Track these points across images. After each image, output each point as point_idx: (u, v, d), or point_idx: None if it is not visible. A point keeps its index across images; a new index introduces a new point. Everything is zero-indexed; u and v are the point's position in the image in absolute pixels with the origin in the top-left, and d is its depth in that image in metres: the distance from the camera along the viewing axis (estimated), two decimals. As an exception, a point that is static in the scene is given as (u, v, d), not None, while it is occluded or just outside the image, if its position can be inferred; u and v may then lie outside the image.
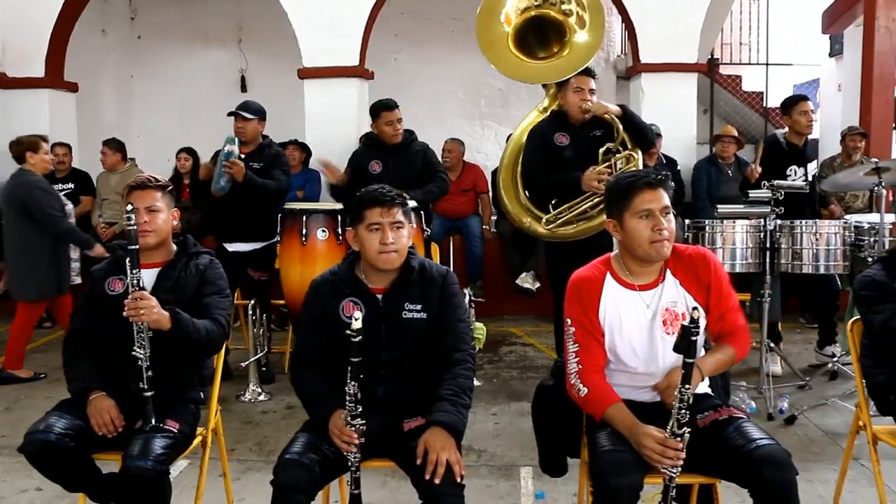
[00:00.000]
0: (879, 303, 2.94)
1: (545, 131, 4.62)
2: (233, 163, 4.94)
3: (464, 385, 2.65)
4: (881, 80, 7.45)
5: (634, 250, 2.56)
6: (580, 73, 4.49)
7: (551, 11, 4.64)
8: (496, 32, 4.69)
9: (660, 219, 2.49)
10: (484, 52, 4.68)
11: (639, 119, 4.57)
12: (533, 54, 4.72)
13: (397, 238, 2.64)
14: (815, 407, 4.58)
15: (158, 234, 2.93)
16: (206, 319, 2.86)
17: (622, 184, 2.56)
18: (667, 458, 2.30)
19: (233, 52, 10.05)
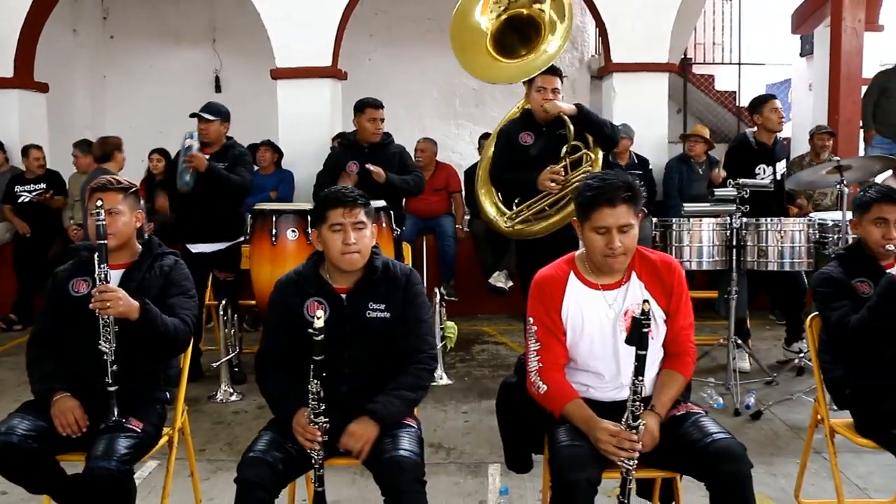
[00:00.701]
0: (836, 299, 2.99)
1: (511, 131, 4.69)
2: (192, 156, 4.94)
3: (412, 383, 2.70)
4: (848, 80, 7.56)
5: (591, 257, 2.61)
6: (544, 72, 4.53)
7: (524, 10, 4.71)
8: (470, 37, 4.75)
9: (614, 236, 2.49)
10: (458, 56, 4.75)
11: (595, 118, 4.59)
12: (515, 53, 4.77)
13: (360, 238, 2.67)
14: (781, 402, 4.64)
15: (118, 236, 2.91)
16: (174, 318, 2.87)
17: (586, 195, 2.54)
18: (622, 451, 2.33)
19: (207, 52, 10.02)
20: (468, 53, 4.79)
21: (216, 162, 5.10)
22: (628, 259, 2.58)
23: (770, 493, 3.55)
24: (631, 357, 2.54)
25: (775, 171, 5.27)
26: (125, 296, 2.71)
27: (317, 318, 2.45)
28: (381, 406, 2.59)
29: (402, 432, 2.61)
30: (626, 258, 2.56)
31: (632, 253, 2.58)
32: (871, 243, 3.05)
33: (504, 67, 4.74)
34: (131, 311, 2.70)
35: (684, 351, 2.64)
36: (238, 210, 5.27)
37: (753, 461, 3.85)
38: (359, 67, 9.30)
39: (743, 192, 4.56)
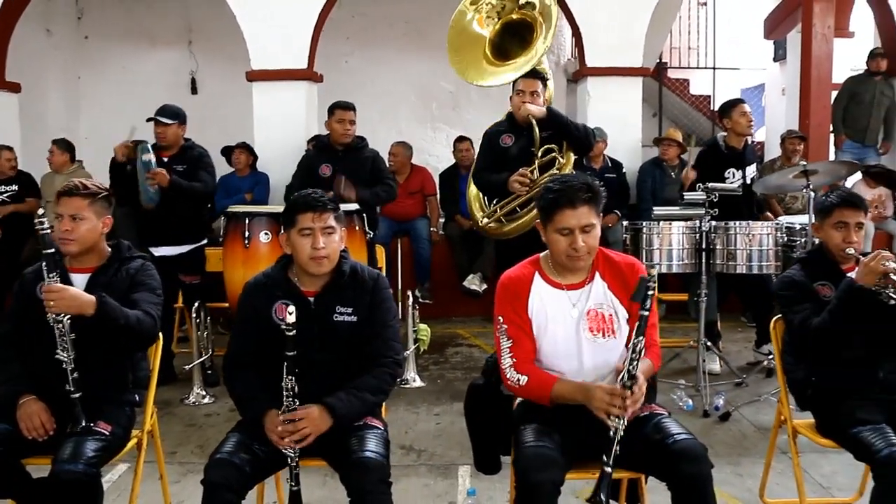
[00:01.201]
0: (798, 302, 3.04)
1: (493, 133, 4.81)
2: (155, 172, 4.93)
3: (374, 386, 2.72)
4: (819, 85, 7.65)
5: (555, 258, 2.65)
6: (526, 75, 4.61)
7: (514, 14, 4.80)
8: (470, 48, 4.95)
9: (577, 237, 2.53)
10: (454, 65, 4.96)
11: (564, 121, 4.65)
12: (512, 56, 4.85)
13: (328, 243, 2.69)
14: (750, 403, 4.71)
15: (80, 242, 2.89)
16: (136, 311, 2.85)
17: (548, 197, 2.59)
18: (613, 407, 2.36)
19: (182, 53, 9.95)
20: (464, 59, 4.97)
21: (175, 164, 5.09)
22: (592, 258, 2.62)
23: (736, 494, 3.60)
24: (591, 358, 2.60)
25: (745, 175, 5.33)
26: (76, 293, 2.69)
27: (289, 313, 2.48)
28: (339, 402, 2.61)
29: (368, 433, 2.64)
30: (590, 257, 2.61)
31: (595, 252, 2.63)
32: (832, 247, 3.09)
33: (493, 71, 4.85)
34: (84, 306, 2.67)
35: (650, 344, 2.65)
36: (201, 212, 5.27)
37: (721, 462, 3.94)
38: (335, 70, 9.29)
39: (712, 196, 4.62)
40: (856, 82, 8.18)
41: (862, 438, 2.70)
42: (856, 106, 8.12)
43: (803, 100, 7.80)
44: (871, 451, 2.64)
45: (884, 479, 2.58)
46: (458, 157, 7.49)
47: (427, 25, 9.88)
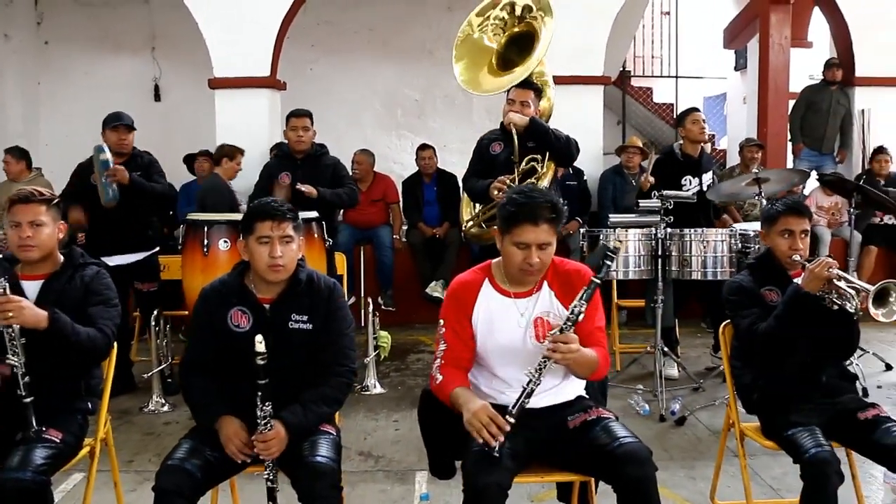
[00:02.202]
0: (745, 307, 3.11)
1: (485, 140, 4.91)
2: (114, 170, 4.92)
3: (329, 395, 2.75)
4: (776, 94, 7.81)
5: (507, 268, 2.68)
6: (518, 85, 4.67)
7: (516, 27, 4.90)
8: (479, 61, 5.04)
9: (533, 253, 2.56)
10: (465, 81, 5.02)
11: (544, 130, 4.69)
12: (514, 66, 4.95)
13: (286, 252, 2.71)
14: (705, 407, 4.77)
15: (42, 248, 2.90)
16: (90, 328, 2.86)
17: (510, 209, 2.60)
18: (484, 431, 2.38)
19: (146, 60, 9.88)
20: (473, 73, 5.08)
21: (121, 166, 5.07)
22: (542, 273, 2.66)
23: (688, 496, 3.66)
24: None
25: (701, 183, 5.42)
26: (29, 305, 2.68)
27: (258, 342, 2.49)
28: (294, 417, 2.63)
29: (320, 439, 2.66)
30: (542, 273, 2.65)
31: (546, 267, 2.66)
32: (778, 254, 3.16)
33: (493, 81, 4.94)
34: (38, 320, 2.67)
35: (597, 344, 2.68)
36: (152, 219, 5.26)
37: (675, 466, 4.01)
38: (300, 77, 9.29)
39: (667, 204, 4.69)
40: (812, 91, 8.34)
41: (794, 440, 2.78)
42: (813, 115, 8.27)
43: (761, 108, 7.95)
44: (800, 451, 2.72)
45: (810, 478, 2.66)
46: (420, 164, 7.53)
47: (392, 33, 9.94)
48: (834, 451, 2.71)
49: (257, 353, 2.47)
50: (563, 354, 2.44)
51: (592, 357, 2.59)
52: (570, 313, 2.49)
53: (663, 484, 3.69)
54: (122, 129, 5.13)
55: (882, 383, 5.42)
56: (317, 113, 5.63)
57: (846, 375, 3.15)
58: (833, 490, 2.63)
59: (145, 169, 5.20)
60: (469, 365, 2.70)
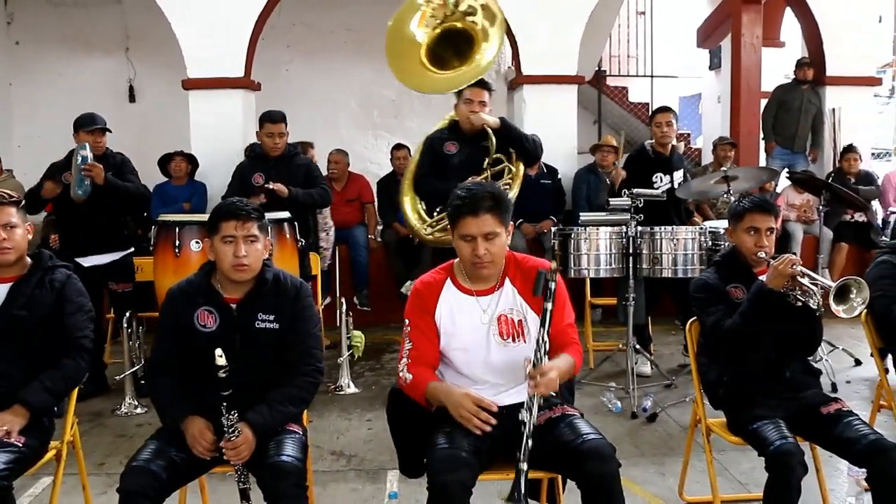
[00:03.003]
0: (711, 305, 3.14)
1: (436, 140, 4.84)
2: (91, 165, 4.90)
3: (295, 395, 2.75)
4: (748, 93, 7.87)
5: (462, 265, 2.71)
6: (473, 84, 4.66)
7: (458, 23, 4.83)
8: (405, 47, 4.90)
9: (479, 244, 2.59)
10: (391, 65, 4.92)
11: (517, 132, 4.73)
12: (448, 65, 4.87)
13: (251, 251, 2.71)
14: (676, 404, 4.81)
15: (17, 250, 2.92)
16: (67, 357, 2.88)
17: (454, 204, 2.65)
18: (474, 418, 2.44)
19: (120, 60, 9.80)
20: (402, 62, 4.90)
21: None
22: (497, 266, 2.67)
23: (658, 492, 3.69)
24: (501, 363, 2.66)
25: (672, 180, 5.47)
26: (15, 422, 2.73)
27: (218, 356, 2.49)
28: (260, 418, 2.64)
29: (286, 438, 2.67)
30: (495, 265, 2.66)
31: (501, 260, 2.68)
32: (744, 251, 3.19)
33: (436, 78, 4.85)
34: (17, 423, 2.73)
35: (570, 342, 2.71)
36: (126, 220, 5.24)
37: (645, 462, 4.05)
38: (276, 78, 9.26)
39: (637, 202, 4.72)
40: (784, 91, 8.43)
41: (759, 433, 2.82)
42: (785, 113, 8.36)
43: (734, 107, 8.02)
44: (765, 443, 2.76)
45: (775, 469, 2.70)
46: (395, 164, 7.54)
47: (368, 34, 9.88)
48: (798, 444, 2.75)
49: (219, 367, 2.47)
50: (546, 386, 2.46)
51: (570, 365, 2.64)
52: (536, 346, 2.49)
53: (633, 480, 3.77)
54: (97, 132, 5.09)
55: (851, 378, 5.49)
56: (292, 113, 5.62)
57: (810, 371, 3.19)
58: (797, 481, 2.67)
59: (117, 168, 5.19)
60: (436, 363, 2.72)
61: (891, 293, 3.23)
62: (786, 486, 2.69)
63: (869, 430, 2.80)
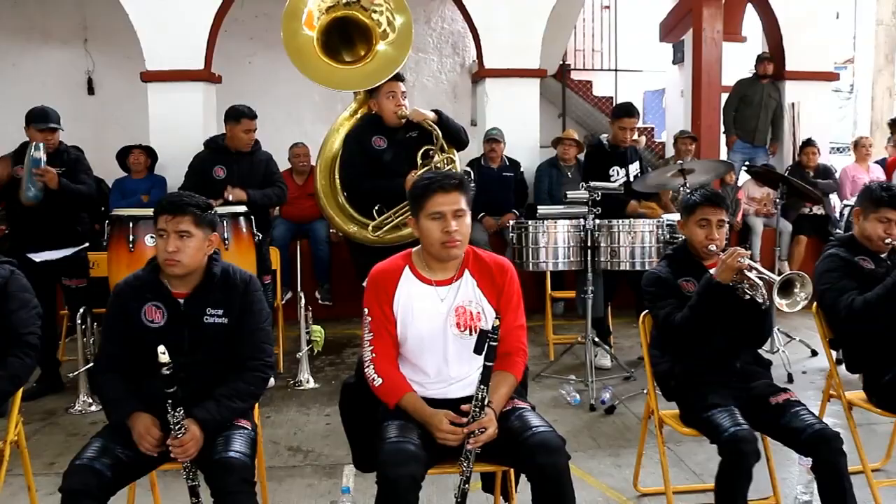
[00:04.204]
0: (662, 298, 3.16)
1: (362, 137, 4.72)
2: (45, 170, 4.80)
3: (244, 390, 2.73)
4: (709, 87, 7.93)
5: (429, 249, 2.67)
6: (391, 78, 4.62)
7: (357, 13, 4.73)
8: (302, 37, 4.73)
9: (450, 221, 2.59)
10: (292, 59, 4.74)
11: (453, 123, 4.72)
12: (338, 57, 4.79)
13: (182, 247, 2.68)
14: (634, 396, 4.84)
15: None
16: (11, 356, 2.83)
17: (419, 185, 2.67)
18: (452, 436, 2.47)
19: (78, 52, 9.62)
20: (304, 59, 4.78)
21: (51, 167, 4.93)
22: (464, 247, 2.67)
23: (613, 484, 3.71)
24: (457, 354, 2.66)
25: (628, 173, 5.49)
26: None
27: (161, 353, 2.45)
28: (207, 415, 2.61)
29: (235, 434, 2.65)
30: (463, 245, 2.65)
31: (467, 241, 2.67)
32: (695, 243, 3.22)
33: (348, 76, 4.78)
34: None
35: (514, 350, 2.73)
36: (81, 215, 5.15)
37: (602, 454, 4.07)
38: (238, 70, 9.18)
39: (595, 195, 4.74)
40: (745, 85, 8.50)
41: (712, 420, 2.86)
42: (745, 108, 8.44)
43: (695, 101, 8.07)
44: (719, 430, 2.80)
45: (728, 455, 2.74)
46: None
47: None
48: (752, 430, 2.79)
49: (162, 364, 2.44)
50: (487, 440, 2.49)
51: (511, 387, 2.68)
52: (474, 402, 2.50)
53: (589, 472, 3.79)
54: (48, 132, 4.97)
55: (807, 369, 5.56)
56: (255, 106, 5.55)
57: (761, 362, 3.22)
58: (748, 467, 2.71)
59: (71, 165, 5.06)
60: (396, 353, 2.72)
61: (837, 286, 3.27)
62: (738, 471, 2.73)
63: (815, 419, 2.84)
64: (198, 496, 2.62)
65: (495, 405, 2.58)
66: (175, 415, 2.51)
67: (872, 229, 3.32)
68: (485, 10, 7.46)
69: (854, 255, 3.35)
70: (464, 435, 2.47)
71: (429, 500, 3.50)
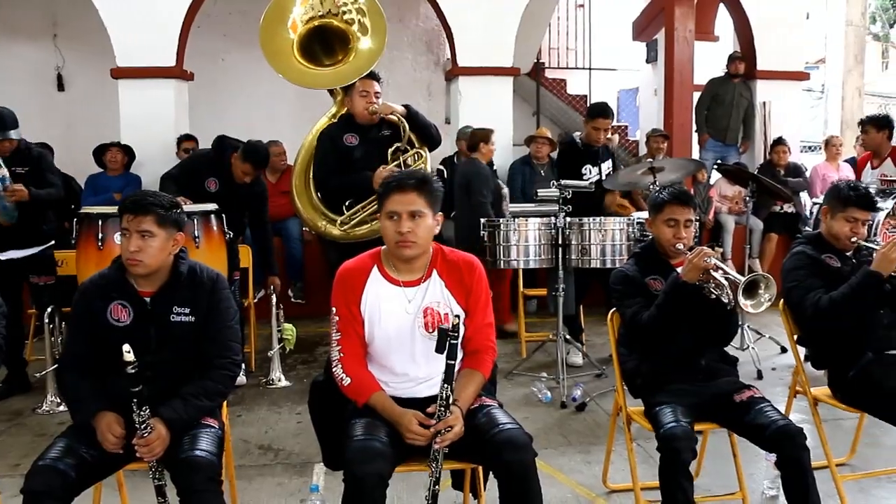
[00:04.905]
0: (630, 297, 3.18)
1: (334, 134, 4.76)
2: (14, 189, 4.73)
3: (211, 389, 2.71)
4: (681, 86, 8.00)
5: (388, 248, 2.69)
6: (364, 77, 4.64)
7: (334, 21, 4.76)
8: (281, 42, 4.76)
9: (403, 221, 2.58)
10: (269, 61, 4.76)
11: (422, 118, 4.76)
12: (319, 62, 4.82)
13: (143, 246, 2.66)
14: (606, 393, 4.86)
15: None
16: None
17: (383, 185, 2.68)
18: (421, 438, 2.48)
19: (47, 47, 9.52)
20: (279, 59, 4.84)
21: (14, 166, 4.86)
22: (421, 249, 2.66)
23: (583, 481, 3.73)
24: (424, 355, 2.66)
25: (600, 172, 5.52)
26: None
27: (126, 352, 2.44)
28: (173, 412, 2.60)
29: (201, 432, 2.64)
30: (419, 247, 2.63)
31: (425, 244, 2.67)
32: (663, 242, 3.23)
33: (321, 74, 4.80)
34: None
35: (483, 349, 2.73)
36: (47, 213, 5.10)
37: (572, 451, 4.09)
38: (212, 67, 9.14)
39: (565, 193, 4.76)
40: (717, 84, 8.58)
41: (657, 416, 2.89)
42: (717, 106, 8.52)
43: (667, 100, 8.14)
44: (658, 427, 2.84)
45: (663, 451, 2.77)
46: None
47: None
48: (689, 428, 2.81)
49: (127, 363, 2.42)
50: (454, 438, 2.49)
51: (479, 385, 2.68)
52: (439, 401, 2.50)
53: (560, 469, 3.81)
54: (4, 142, 4.85)
55: (776, 365, 5.62)
56: (229, 103, 5.55)
57: (727, 359, 3.25)
58: (683, 464, 2.73)
59: (34, 164, 4.97)
60: (364, 352, 2.72)
61: (804, 284, 3.31)
62: (673, 468, 2.75)
63: (779, 415, 2.87)
64: (164, 495, 2.61)
65: (462, 403, 2.59)
66: (141, 414, 2.49)
67: (840, 228, 3.36)
68: (458, 8, 7.47)
69: (821, 253, 3.39)
70: (431, 435, 2.47)
71: (399, 497, 3.50)
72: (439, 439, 2.48)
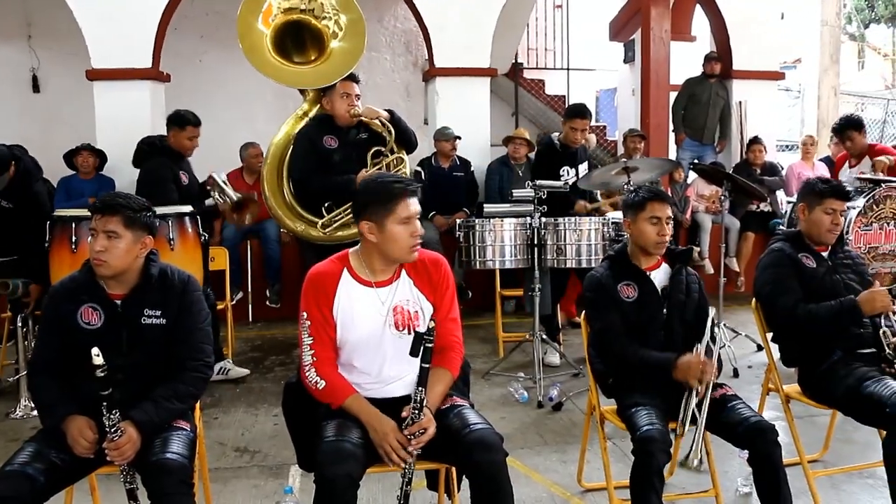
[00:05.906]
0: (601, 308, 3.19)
1: (313, 135, 4.74)
2: None
3: (182, 391, 2.71)
4: (658, 86, 8.04)
5: (391, 252, 2.66)
6: (345, 78, 4.63)
7: (311, 19, 4.75)
8: (258, 36, 4.74)
9: (416, 225, 2.63)
10: (247, 54, 4.74)
11: (404, 123, 4.76)
12: (289, 58, 4.80)
13: (109, 247, 2.65)
14: (582, 393, 4.87)
15: None
16: None
17: (387, 189, 2.64)
18: (394, 457, 2.48)
19: (22, 48, 9.42)
20: (257, 54, 4.82)
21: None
22: None
23: (558, 480, 3.74)
24: (394, 354, 2.66)
25: (577, 173, 5.54)
26: None
27: (95, 355, 2.43)
28: (144, 415, 2.59)
29: (173, 435, 2.62)
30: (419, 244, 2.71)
31: None
32: (645, 240, 3.18)
33: (300, 73, 4.78)
34: None
35: (450, 345, 2.74)
36: None
37: (548, 451, 4.10)
38: (189, 68, 9.09)
39: (540, 193, 4.77)
40: (693, 84, 8.64)
41: (632, 418, 2.90)
42: (694, 106, 8.58)
43: (644, 100, 8.18)
44: (633, 429, 2.85)
45: (638, 454, 2.78)
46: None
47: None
48: (663, 430, 2.81)
49: (96, 366, 2.41)
50: (427, 439, 2.50)
51: (447, 383, 2.69)
52: (413, 403, 2.51)
53: (535, 468, 3.82)
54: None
55: (752, 363, 5.66)
56: (206, 105, 5.53)
57: (699, 359, 3.26)
58: (657, 466, 2.74)
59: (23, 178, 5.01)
60: (336, 356, 2.71)
61: (779, 284, 3.33)
62: (646, 469, 2.75)
63: (751, 412, 2.90)
64: (136, 499, 2.59)
65: (431, 403, 2.59)
66: (111, 417, 2.48)
67: (820, 220, 3.39)
68: (435, 9, 7.47)
69: (798, 252, 3.41)
70: (405, 456, 2.49)
71: (374, 498, 3.50)
72: (414, 442, 2.48)
